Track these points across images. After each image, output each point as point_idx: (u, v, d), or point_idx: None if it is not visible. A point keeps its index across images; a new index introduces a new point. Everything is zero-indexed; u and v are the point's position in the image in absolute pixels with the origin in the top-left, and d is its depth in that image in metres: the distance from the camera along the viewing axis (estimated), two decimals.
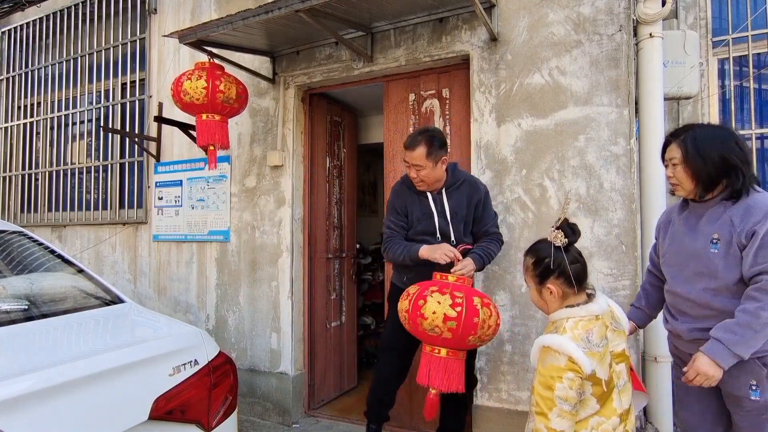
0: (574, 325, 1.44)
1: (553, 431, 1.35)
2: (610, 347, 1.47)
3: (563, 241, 1.51)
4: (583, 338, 1.41)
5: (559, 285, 1.51)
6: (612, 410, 1.44)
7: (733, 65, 3.24)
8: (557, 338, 1.41)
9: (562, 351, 1.37)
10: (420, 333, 2.01)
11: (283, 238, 3.40)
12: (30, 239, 2.26)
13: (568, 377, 1.35)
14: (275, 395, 3.37)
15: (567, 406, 1.35)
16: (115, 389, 1.42)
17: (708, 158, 1.60)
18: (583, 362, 1.35)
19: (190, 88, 2.84)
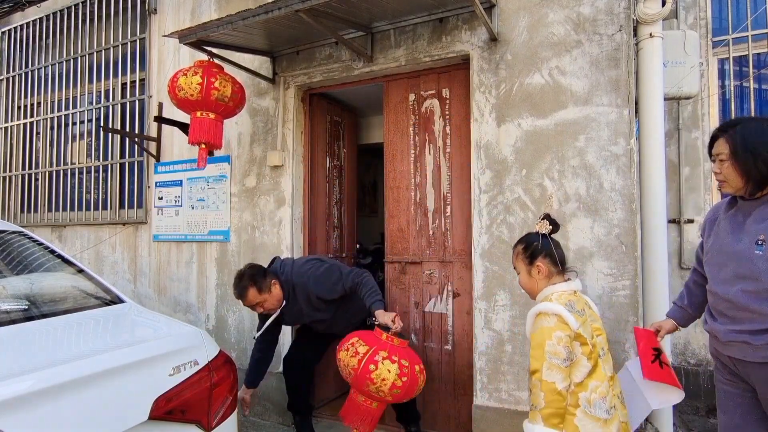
0: (559, 296, 1.72)
1: (546, 383, 1.56)
2: (590, 321, 1.72)
3: (548, 228, 1.83)
4: (566, 304, 1.68)
5: (546, 264, 1.80)
6: (602, 375, 1.66)
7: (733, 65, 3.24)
8: (548, 304, 1.68)
9: (551, 312, 1.64)
10: (361, 389, 2.24)
11: (283, 238, 3.40)
12: (30, 239, 2.26)
13: (557, 335, 1.60)
14: (275, 395, 3.37)
15: (556, 360, 1.57)
16: (115, 389, 1.41)
17: (758, 154, 1.53)
18: (569, 319, 1.61)
19: (184, 84, 2.83)
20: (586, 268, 2.50)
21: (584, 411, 1.60)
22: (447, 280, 3.01)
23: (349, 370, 2.22)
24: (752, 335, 1.56)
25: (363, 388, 2.19)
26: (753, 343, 1.56)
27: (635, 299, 2.41)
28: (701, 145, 3.26)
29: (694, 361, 3.22)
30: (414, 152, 3.13)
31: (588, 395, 1.61)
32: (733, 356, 1.65)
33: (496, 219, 2.71)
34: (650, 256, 2.54)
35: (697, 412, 3.21)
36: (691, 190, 3.26)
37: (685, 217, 3.25)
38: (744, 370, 1.63)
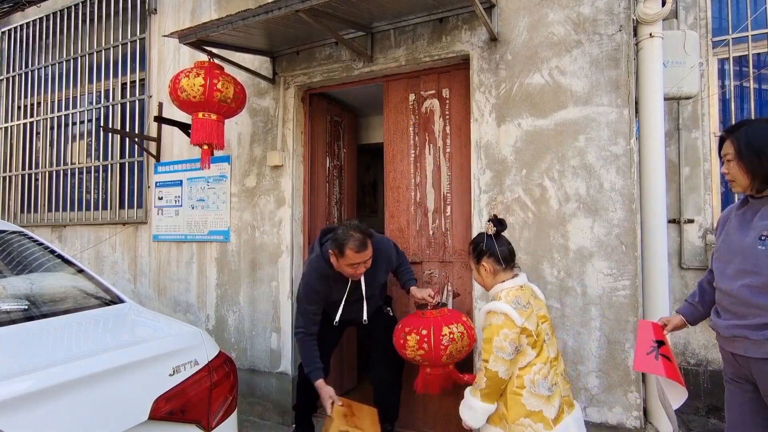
0: (507, 294, 1.92)
1: (491, 371, 1.83)
2: (535, 311, 1.92)
3: (492, 230, 2.02)
4: (513, 301, 1.88)
5: (490, 263, 2.00)
6: (546, 357, 1.89)
7: (733, 65, 3.24)
8: (497, 303, 1.88)
9: (500, 311, 1.85)
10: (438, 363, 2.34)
11: (283, 238, 3.40)
12: (30, 239, 2.26)
13: (504, 332, 1.82)
14: (275, 395, 3.37)
15: (502, 353, 1.81)
16: (115, 389, 1.41)
17: (763, 153, 1.58)
18: (515, 317, 1.82)
19: (187, 86, 2.84)
20: (586, 268, 2.50)
21: (529, 391, 1.83)
22: (447, 280, 3.01)
23: (422, 356, 2.30)
24: (753, 330, 1.59)
25: (440, 361, 2.29)
26: (753, 338, 1.59)
27: (635, 299, 2.41)
28: (701, 145, 3.26)
29: (694, 361, 3.22)
30: (414, 152, 3.13)
31: (531, 377, 1.84)
32: (735, 352, 1.67)
33: None
34: (650, 256, 2.54)
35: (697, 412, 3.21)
36: (691, 190, 3.26)
37: (685, 217, 3.25)
38: (746, 365, 1.64)
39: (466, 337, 2.33)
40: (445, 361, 2.30)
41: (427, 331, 2.30)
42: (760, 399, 1.68)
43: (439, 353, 2.26)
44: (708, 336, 3.19)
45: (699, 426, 3.10)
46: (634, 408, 2.41)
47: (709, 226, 3.22)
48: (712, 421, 3.15)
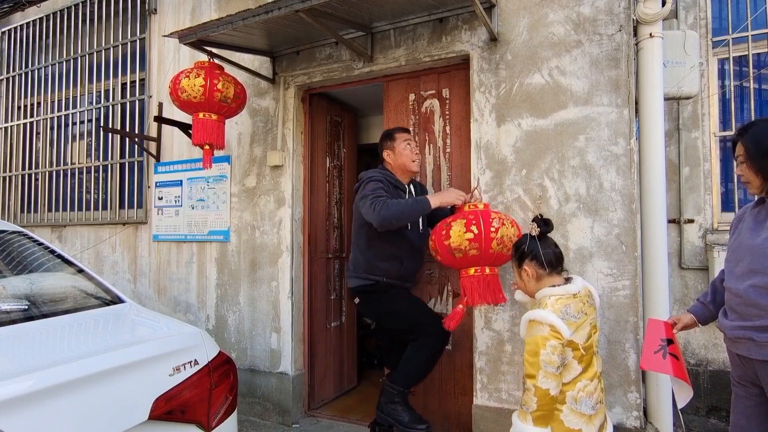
0: (555, 302, 1.73)
1: (541, 389, 1.63)
2: (589, 320, 1.76)
3: (537, 230, 1.87)
4: (561, 311, 1.70)
5: (533, 267, 1.85)
6: (593, 373, 1.73)
7: (733, 65, 3.24)
8: (541, 312, 1.69)
9: (545, 321, 1.66)
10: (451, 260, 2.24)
11: (283, 238, 3.40)
12: (30, 239, 2.26)
13: (552, 344, 1.64)
14: (275, 395, 3.37)
15: (551, 368, 1.63)
16: (115, 389, 1.41)
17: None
18: (562, 329, 1.64)
19: (187, 86, 2.84)
20: (586, 268, 2.50)
21: (570, 407, 1.68)
22: (447, 280, 3.01)
23: (471, 240, 2.15)
24: (758, 332, 1.57)
25: (489, 247, 2.15)
26: (758, 339, 1.57)
27: (635, 299, 2.41)
28: (701, 145, 3.26)
29: (694, 361, 3.22)
30: None
31: (575, 394, 1.68)
32: (740, 353, 1.66)
33: None
34: (650, 256, 2.54)
35: (697, 412, 3.21)
36: (691, 190, 3.26)
37: (685, 217, 3.25)
38: (751, 367, 1.64)
39: (515, 226, 2.23)
40: (495, 249, 2.15)
41: (474, 216, 2.19)
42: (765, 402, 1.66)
43: (489, 236, 2.11)
44: (708, 336, 3.19)
45: (699, 426, 3.10)
46: (634, 408, 2.41)
47: (709, 226, 3.22)
48: (712, 421, 3.15)
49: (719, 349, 3.15)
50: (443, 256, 2.30)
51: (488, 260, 2.23)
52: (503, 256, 2.22)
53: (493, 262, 2.26)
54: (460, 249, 2.19)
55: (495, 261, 2.26)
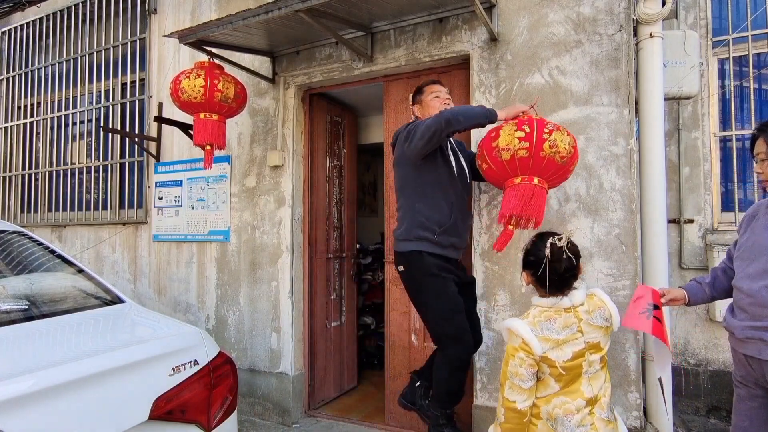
0: (538, 313, 1.63)
1: (507, 400, 1.57)
2: (585, 339, 1.60)
3: (547, 253, 1.62)
4: (540, 324, 1.59)
5: (529, 276, 1.70)
6: (579, 393, 1.58)
7: (733, 65, 3.24)
8: (516, 322, 1.61)
9: (516, 332, 1.58)
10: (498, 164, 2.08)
11: (283, 238, 3.40)
12: (30, 239, 2.26)
13: (519, 356, 1.56)
14: (275, 395, 3.37)
15: (517, 380, 1.56)
16: (115, 389, 1.42)
17: None
18: (533, 344, 1.54)
19: (188, 87, 2.84)
20: (586, 268, 2.49)
21: (546, 423, 1.57)
22: None
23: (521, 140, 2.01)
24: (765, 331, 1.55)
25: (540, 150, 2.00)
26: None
27: None
28: (701, 145, 3.25)
29: (694, 361, 3.22)
30: None
31: (549, 409, 1.57)
32: (748, 354, 1.62)
33: (496, 219, 2.71)
34: (650, 256, 2.54)
35: (697, 412, 3.21)
36: (691, 190, 3.26)
37: (685, 217, 3.25)
38: (758, 368, 1.62)
39: (570, 136, 2.06)
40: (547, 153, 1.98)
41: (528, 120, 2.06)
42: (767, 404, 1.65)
43: (541, 136, 1.97)
44: (708, 336, 3.19)
45: (699, 426, 3.10)
46: (634, 408, 2.41)
47: (709, 226, 3.21)
48: (711, 421, 3.14)
49: (719, 349, 3.15)
50: (489, 161, 2.11)
51: (538, 166, 2.04)
52: (554, 164, 2.03)
53: (542, 171, 2.06)
54: (509, 149, 2.02)
55: (545, 170, 2.06)
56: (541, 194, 2.10)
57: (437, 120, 2.16)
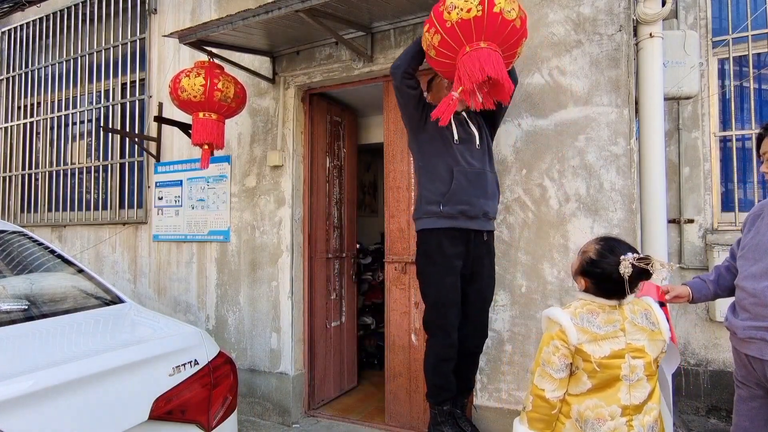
0: (580, 305, 1.57)
1: (536, 387, 1.53)
2: (627, 339, 1.51)
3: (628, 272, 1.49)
4: (581, 316, 1.53)
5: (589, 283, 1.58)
6: (615, 399, 1.48)
7: (733, 65, 3.24)
8: (556, 310, 1.57)
9: (556, 320, 1.54)
10: (450, 30, 1.96)
11: (283, 238, 3.40)
12: (30, 239, 2.26)
13: (554, 344, 1.51)
14: (275, 395, 3.37)
15: (549, 368, 1.51)
16: (115, 389, 1.42)
17: None
18: (570, 331, 1.49)
19: (187, 85, 2.84)
20: None
21: (574, 423, 1.50)
22: None
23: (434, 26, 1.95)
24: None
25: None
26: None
27: None
28: (701, 145, 3.25)
29: (694, 361, 3.22)
30: None
31: (581, 408, 1.49)
32: (750, 354, 1.60)
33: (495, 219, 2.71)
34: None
35: (697, 412, 3.21)
36: (691, 190, 3.26)
37: (685, 217, 3.25)
38: (760, 369, 1.59)
39: (516, 4, 1.95)
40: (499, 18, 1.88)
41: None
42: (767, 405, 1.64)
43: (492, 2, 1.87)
44: (708, 336, 3.19)
45: (699, 426, 3.10)
46: None
47: (709, 226, 3.21)
48: (711, 421, 3.14)
49: (719, 349, 3.15)
50: (441, 29, 1.99)
51: (490, 30, 1.93)
52: (506, 23, 1.93)
53: (494, 35, 1.95)
54: (430, 46, 1.98)
55: (496, 35, 1.95)
56: (478, 54, 1.95)
57: None
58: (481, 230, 2.36)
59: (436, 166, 2.32)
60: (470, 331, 2.42)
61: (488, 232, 2.42)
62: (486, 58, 1.93)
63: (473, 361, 2.51)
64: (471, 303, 2.41)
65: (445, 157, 2.32)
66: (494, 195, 2.41)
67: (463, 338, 2.39)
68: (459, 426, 2.37)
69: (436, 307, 2.33)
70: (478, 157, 2.36)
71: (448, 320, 2.31)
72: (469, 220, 2.31)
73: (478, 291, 2.42)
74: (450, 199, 2.27)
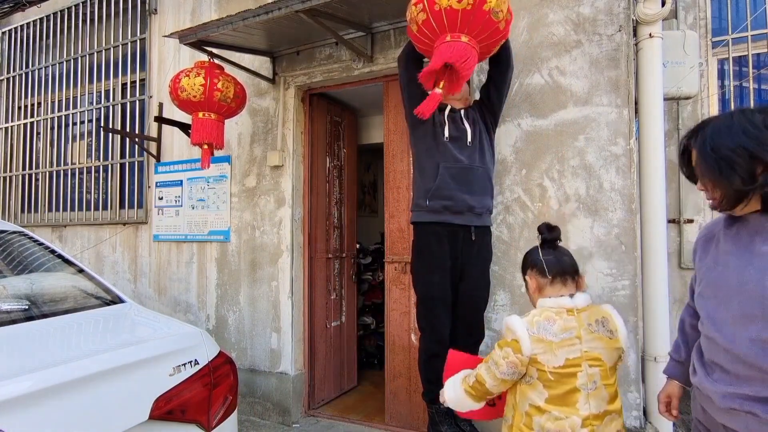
0: (538, 313, 1.58)
1: (480, 375, 1.61)
2: (583, 347, 1.51)
3: (538, 238, 1.70)
4: (538, 324, 1.53)
5: (533, 276, 1.67)
6: (574, 410, 1.48)
7: (733, 65, 3.24)
8: (514, 318, 1.58)
9: (512, 329, 1.56)
10: (437, 14, 1.96)
11: (283, 238, 3.41)
12: (30, 239, 2.26)
13: (506, 350, 1.55)
14: (275, 395, 3.37)
15: (495, 368, 1.57)
16: (115, 389, 1.42)
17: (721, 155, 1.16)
18: (523, 342, 1.51)
19: (187, 85, 2.85)
20: (586, 268, 2.50)
21: None
22: None
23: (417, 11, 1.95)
24: (764, 404, 1.13)
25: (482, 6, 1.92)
26: (763, 416, 1.13)
27: (635, 299, 2.41)
28: None
29: None
30: None
31: (542, 422, 1.49)
32: (732, 427, 1.21)
33: (495, 219, 2.71)
34: (650, 256, 2.54)
35: None
36: (691, 190, 3.26)
37: (685, 217, 3.25)
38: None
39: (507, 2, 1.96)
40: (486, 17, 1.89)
41: None
42: None
43: None
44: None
45: None
46: (633, 408, 2.41)
47: None
48: None
49: None
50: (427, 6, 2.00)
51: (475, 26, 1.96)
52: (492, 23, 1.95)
53: (477, 33, 1.98)
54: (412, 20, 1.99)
55: (479, 32, 1.97)
56: (457, 45, 1.98)
57: None
58: (469, 226, 2.40)
59: (426, 162, 2.42)
60: (462, 331, 2.45)
61: (477, 230, 2.44)
62: (461, 53, 1.97)
63: None
64: (462, 303, 2.43)
65: (434, 153, 2.40)
66: (483, 190, 2.43)
67: (456, 338, 2.42)
68: (458, 426, 2.39)
69: (424, 304, 2.41)
70: (468, 154, 2.40)
71: (436, 317, 2.37)
72: (454, 215, 2.37)
73: (468, 291, 2.44)
74: (435, 195, 2.35)
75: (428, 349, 2.40)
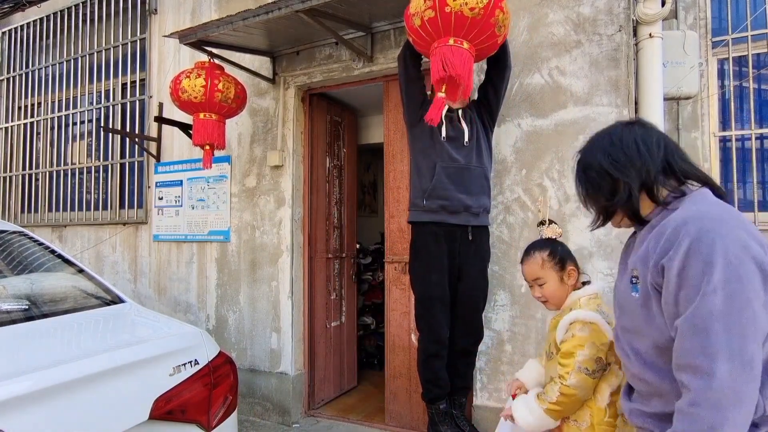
0: (587, 302, 1.56)
1: (569, 389, 1.46)
2: None
3: (559, 232, 1.69)
4: (598, 310, 1.53)
5: (576, 268, 1.65)
6: None
7: (733, 65, 3.24)
8: (582, 311, 1.52)
9: (588, 320, 1.48)
10: (415, 31, 2.03)
11: (283, 238, 3.41)
12: (30, 239, 2.26)
13: (591, 345, 1.47)
14: (275, 395, 3.37)
15: (586, 371, 1.45)
16: (115, 389, 1.42)
17: (588, 179, 1.22)
18: (605, 328, 1.47)
19: (188, 86, 2.85)
20: (586, 268, 2.49)
21: (624, 421, 1.41)
22: None
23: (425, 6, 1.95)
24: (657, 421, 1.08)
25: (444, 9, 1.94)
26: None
27: None
28: (701, 145, 3.25)
29: None
30: None
31: None
32: None
33: (496, 219, 2.71)
34: None
35: None
36: None
37: None
38: None
39: None
40: (453, 8, 1.91)
41: None
42: None
43: None
44: None
45: None
46: None
47: None
48: None
49: None
50: (410, 32, 2.12)
51: (448, 25, 1.98)
52: (466, 18, 1.95)
53: (456, 30, 1.99)
54: (417, 14, 1.99)
55: (458, 28, 1.99)
56: (460, 52, 2.01)
57: None
58: (466, 225, 2.41)
59: (423, 162, 2.43)
60: (460, 331, 2.46)
61: (475, 230, 2.45)
62: (463, 65, 2.00)
63: (468, 361, 2.53)
64: (460, 303, 2.45)
65: (431, 152, 2.41)
66: (481, 190, 2.44)
67: (454, 338, 2.43)
68: (458, 426, 2.40)
69: (422, 303, 2.42)
70: (464, 154, 2.42)
71: (434, 317, 2.38)
72: (450, 215, 2.39)
73: (467, 291, 2.45)
74: (431, 195, 2.38)
75: (426, 349, 2.41)
